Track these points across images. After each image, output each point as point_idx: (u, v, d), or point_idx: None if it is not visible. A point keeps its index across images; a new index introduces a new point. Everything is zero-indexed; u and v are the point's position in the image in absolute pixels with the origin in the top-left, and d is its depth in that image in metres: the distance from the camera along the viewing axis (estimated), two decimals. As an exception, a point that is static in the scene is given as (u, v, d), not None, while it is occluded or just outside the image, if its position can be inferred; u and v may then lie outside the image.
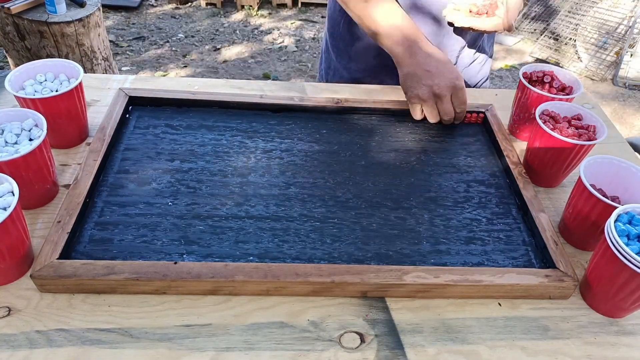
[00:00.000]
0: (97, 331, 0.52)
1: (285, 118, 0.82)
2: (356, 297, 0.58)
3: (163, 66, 2.95)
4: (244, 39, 3.31)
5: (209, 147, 0.75)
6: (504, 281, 0.58)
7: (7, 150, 0.61)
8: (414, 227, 0.65)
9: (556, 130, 0.70)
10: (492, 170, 0.76)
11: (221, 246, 0.61)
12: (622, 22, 3.06)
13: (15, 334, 0.52)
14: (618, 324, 0.58)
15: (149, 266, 0.56)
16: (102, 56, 2.11)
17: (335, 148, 0.77)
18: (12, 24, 1.90)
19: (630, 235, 0.54)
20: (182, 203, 0.65)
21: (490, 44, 1.04)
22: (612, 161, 0.66)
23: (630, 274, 0.52)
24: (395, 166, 0.75)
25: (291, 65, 3.04)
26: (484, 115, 0.85)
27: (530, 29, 3.48)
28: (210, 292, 0.57)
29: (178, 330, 0.53)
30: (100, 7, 2.03)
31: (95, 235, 0.61)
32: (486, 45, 1.02)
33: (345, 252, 0.61)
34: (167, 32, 3.32)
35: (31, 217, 0.63)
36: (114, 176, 0.69)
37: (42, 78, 0.71)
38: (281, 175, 0.71)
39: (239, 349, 0.52)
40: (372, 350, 0.53)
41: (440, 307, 0.58)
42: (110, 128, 0.74)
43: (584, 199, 0.62)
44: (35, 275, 0.54)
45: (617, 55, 3.05)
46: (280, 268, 0.57)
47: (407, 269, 0.58)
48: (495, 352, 0.54)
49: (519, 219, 0.68)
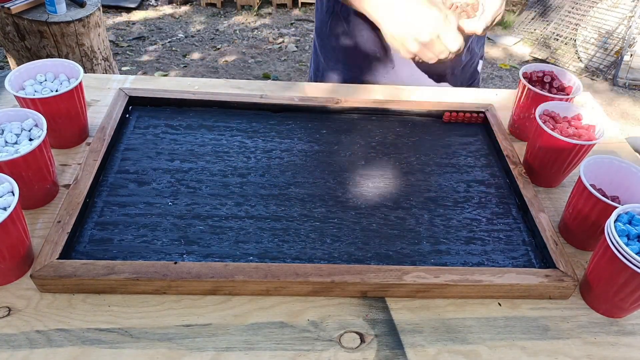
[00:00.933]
0: (97, 331, 0.53)
1: (285, 118, 0.82)
2: (356, 297, 0.58)
3: (163, 66, 2.95)
4: (244, 39, 3.31)
5: (209, 147, 0.75)
6: (504, 281, 0.58)
7: (7, 150, 0.61)
8: (414, 227, 0.65)
9: (556, 130, 0.70)
10: (492, 170, 0.76)
11: (221, 246, 0.61)
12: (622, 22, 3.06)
13: (15, 334, 0.52)
14: (618, 324, 0.58)
15: (149, 266, 0.56)
16: (102, 56, 2.11)
17: (335, 148, 0.77)
18: (12, 24, 1.90)
19: (630, 235, 0.54)
20: (182, 203, 0.65)
21: (480, 45, 1.03)
22: (612, 161, 0.66)
23: (630, 274, 0.52)
24: (395, 166, 0.75)
25: (291, 65, 3.04)
26: (484, 115, 0.85)
27: (530, 29, 3.48)
28: (210, 292, 0.57)
29: (178, 330, 0.53)
30: (100, 7, 2.03)
31: (95, 235, 0.61)
32: (476, 46, 1.01)
33: (345, 252, 0.61)
34: (167, 32, 3.32)
35: (31, 217, 0.63)
36: (114, 176, 0.69)
37: (42, 78, 0.71)
38: (281, 175, 0.71)
39: (239, 349, 0.52)
40: (372, 350, 0.53)
41: (440, 307, 0.58)
42: (110, 128, 0.74)
43: (584, 199, 0.62)
44: (35, 275, 0.54)
45: (617, 55, 3.05)
46: (280, 268, 0.57)
47: (407, 269, 0.58)
48: (495, 352, 0.54)
49: (519, 219, 0.68)
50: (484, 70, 3.10)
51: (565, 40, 3.26)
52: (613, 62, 3.05)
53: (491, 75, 3.08)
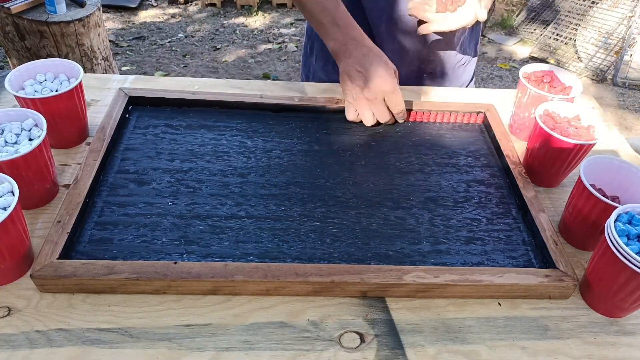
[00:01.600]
0: (97, 331, 0.52)
1: (285, 118, 0.82)
2: (356, 297, 0.58)
3: (163, 66, 2.95)
4: (243, 38, 3.31)
5: (208, 147, 0.75)
6: (504, 281, 0.58)
7: (7, 150, 0.61)
8: (414, 227, 0.65)
9: (556, 130, 0.70)
10: (492, 170, 0.76)
11: (221, 246, 0.61)
12: (622, 22, 3.06)
13: (15, 333, 0.52)
14: (618, 324, 0.58)
15: (149, 266, 0.56)
16: (102, 56, 2.11)
17: (335, 148, 0.77)
18: (12, 23, 1.90)
19: (630, 235, 0.54)
20: (182, 203, 0.65)
21: (474, 44, 1.03)
22: (612, 161, 0.66)
23: (630, 274, 0.52)
24: (395, 166, 0.75)
25: (291, 65, 3.04)
26: (484, 115, 0.85)
27: (530, 29, 3.48)
28: (210, 292, 0.57)
29: (178, 330, 0.53)
30: (100, 7, 2.03)
31: (95, 235, 0.61)
32: (468, 46, 1.01)
33: (345, 252, 0.61)
34: (167, 32, 3.32)
35: (31, 217, 0.63)
36: (113, 176, 0.69)
37: (42, 78, 0.71)
38: (281, 175, 0.71)
39: (239, 349, 0.52)
40: (372, 350, 0.53)
41: (440, 307, 0.58)
42: (110, 128, 0.73)
43: (584, 199, 0.62)
44: (35, 275, 0.54)
45: (617, 55, 3.05)
46: (280, 268, 0.57)
47: (407, 269, 0.58)
48: (495, 352, 0.54)
49: (519, 219, 0.68)
50: (484, 70, 3.10)
51: (565, 40, 3.26)
52: (613, 62, 3.05)
53: (491, 75, 3.08)
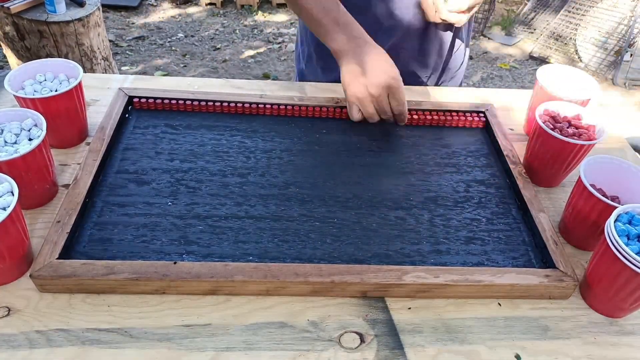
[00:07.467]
0: (97, 331, 0.52)
1: (285, 118, 0.82)
2: (356, 297, 0.58)
3: (163, 66, 2.95)
4: (243, 38, 3.30)
5: (208, 147, 0.74)
6: (504, 281, 0.58)
7: (7, 150, 0.60)
8: (414, 227, 0.65)
9: (556, 130, 0.70)
10: (492, 170, 0.76)
11: (221, 246, 0.60)
12: (622, 22, 3.06)
13: (15, 334, 0.52)
14: (618, 324, 0.58)
15: (149, 266, 0.56)
16: (102, 56, 2.11)
17: (335, 148, 0.77)
18: (11, 23, 1.90)
19: (630, 235, 0.54)
20: (182, 203, 0.65)
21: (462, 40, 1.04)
22: (612, 161, 0.66)
23: (630, 274, 0.52)
24: (396, 166, 0.75)
25: (291, 65, 3.04)
26: (484, 115, 0.85)
27: (530, 29, 3.48)
28: (210, 292, 0.57)
29: (178, 330, 0.53)
30: (100, 6, 2.03)
31: (95, 235, 0.60)
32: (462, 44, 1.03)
33: (345, 252, 0.61)
34: (167, 32, 3.32)
35: (31, 217, 0.63)
36: (113, 176, 0.68)
37: (41, 78, 0.71)
38: (281, 175, 0.71)
39: (239, 349, 0.52)
40: (372, 350, 0.53)
41: (440, 307, 0.58)
42: (110, 128, 0.73)
43: (584, 199, 0.62)
44: (35, 275, 0.54)
45: (617, 55, 3.04)
46: (280, 268, 0.57)
47: (407, 269, 0.58)
48: (495, 352, 0.54)
49: (519, 219, 0.68)
50: (484, 70, 3.10)
51: (565, 40, 3.26)
52: (613, 62, 3.05)
53: (491, 75, 3.08)
